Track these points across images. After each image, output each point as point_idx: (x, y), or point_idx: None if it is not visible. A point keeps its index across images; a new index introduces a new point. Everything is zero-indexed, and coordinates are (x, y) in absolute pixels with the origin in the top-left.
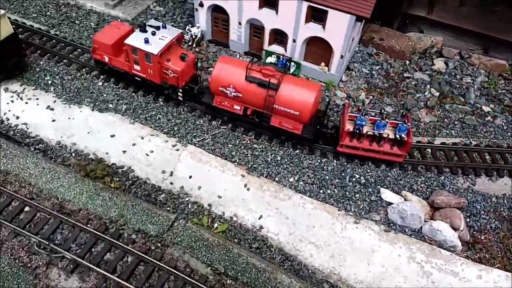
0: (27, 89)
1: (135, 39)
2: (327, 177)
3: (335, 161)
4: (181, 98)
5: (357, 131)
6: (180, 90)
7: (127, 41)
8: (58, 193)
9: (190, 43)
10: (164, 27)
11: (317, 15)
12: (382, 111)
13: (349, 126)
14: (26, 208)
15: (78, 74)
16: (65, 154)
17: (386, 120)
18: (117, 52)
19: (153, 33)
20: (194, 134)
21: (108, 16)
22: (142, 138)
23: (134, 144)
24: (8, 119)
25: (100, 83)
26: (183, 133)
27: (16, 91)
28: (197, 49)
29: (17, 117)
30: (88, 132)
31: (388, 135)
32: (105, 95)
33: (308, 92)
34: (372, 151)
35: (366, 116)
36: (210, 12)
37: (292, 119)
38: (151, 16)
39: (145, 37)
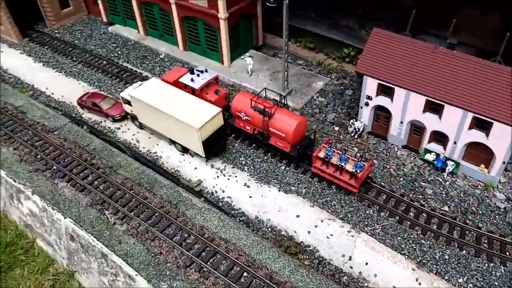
0: (227, 166)
1: (186, 79)
2: (496, 283)
3: (502, 267)
4: None
5: (326, 159)
6: None
7: (180, 79)
8: (267, 264)
9: (352, 134)
10: (206, 71)
11: (481, 124)
12: (346, 148)
13: (320, 154)
14: (245, 274)
15: (265, 157)
16: (263, 228)
17: (347, 155)
18: (176, 87)
19: (198, 75)
20: (366, 223)
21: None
22: (322, 221)
23: (316, 226)
24: (216, 192)
25: (282, 167)
26: (356, 220)
27: (219, 168)
28: (358, 140)
29: (223, 191)
30: (278, 211)
31: (345, 167)
32: (287, 178)
33: (291, 120)
34: (335, 177)
35: (333, 149)
36: (373, 110)
37: (283, 140)
38: (315, 106)
39: (192, 77)
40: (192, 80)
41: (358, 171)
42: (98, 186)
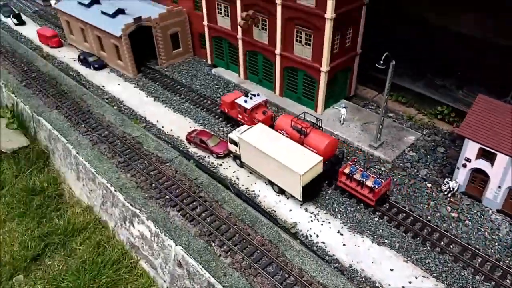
0: (320, 212)
1: (240, 100)
2: None
3: None
4: None
5: (350, 174)
6: None
7: (236, 100)
8: None
9: (446, 193)
10: (258, 95)
11: None
12: (367, 167)
13: (346, 170)
14: None
15: (358, 207)
16: (358, 277)
17: (368, 173)
18: (232, 107)
19: (251, 98)
20: (460, 284)
21: (371, 156)
22: (416, 278)
23: (410, 282)
24: (310, 236)
25: (376, 219)
26: (450, 281)
27: (313, 212)
28: (451, 199)
29: (317, 235)
30: (372, 262)
31: (365, 182)
32: (380, 230)
33: (323, 140)
34: (356, 191)
35: (356, 166)
36: (471, 171)
37: None
38: (406, 160)
39: (245, 99)
40: (245, 101)
41: (376, 186)
42: (206, 218)
